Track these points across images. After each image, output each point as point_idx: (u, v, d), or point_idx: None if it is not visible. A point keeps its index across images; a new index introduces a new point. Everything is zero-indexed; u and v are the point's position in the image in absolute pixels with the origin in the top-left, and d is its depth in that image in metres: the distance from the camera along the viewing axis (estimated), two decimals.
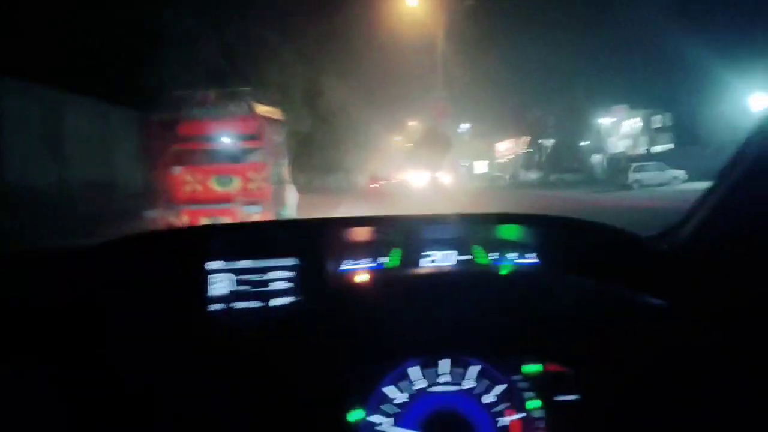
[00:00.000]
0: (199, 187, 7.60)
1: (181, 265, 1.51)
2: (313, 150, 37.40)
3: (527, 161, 60.70)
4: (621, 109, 50.89)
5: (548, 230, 1.64)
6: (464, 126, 73.10)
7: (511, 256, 1.64)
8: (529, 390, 1.22)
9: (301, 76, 26.42)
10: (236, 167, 7.74)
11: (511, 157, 69.92)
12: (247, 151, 7.88)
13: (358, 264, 1.63)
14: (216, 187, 7.65)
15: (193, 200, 7.60)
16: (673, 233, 1.46)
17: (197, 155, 7.80)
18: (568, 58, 61.27)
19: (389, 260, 1.64)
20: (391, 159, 64.29)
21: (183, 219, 7.45)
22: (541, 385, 1.22)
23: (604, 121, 52.30)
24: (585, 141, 53.63)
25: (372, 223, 1.65)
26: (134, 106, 16.00)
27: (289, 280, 1.55)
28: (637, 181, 28.08)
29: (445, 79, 31.62)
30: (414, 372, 1.24)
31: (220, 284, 1.52)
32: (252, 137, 7.78)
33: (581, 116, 52.35)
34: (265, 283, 1.55)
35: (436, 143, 33.71)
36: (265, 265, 1.55)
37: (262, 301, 1.54)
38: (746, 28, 29.83)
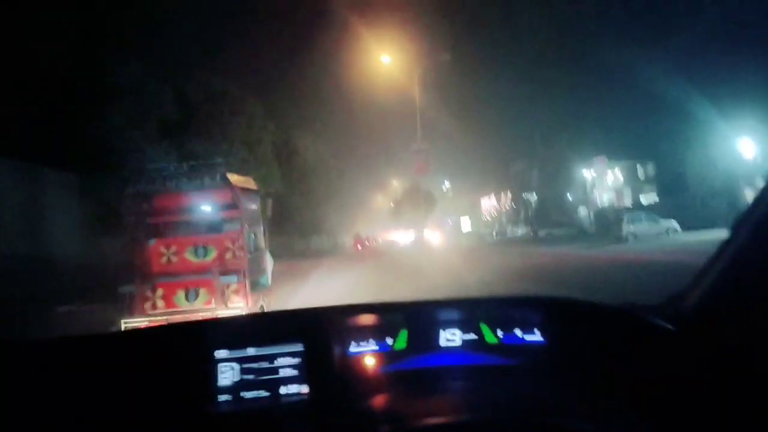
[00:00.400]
0: (174, 259, 7.56)
1: (189, 357, 1.51)
2: (292, 212, 35.99)
3: (513, 216, 59.87)
4: (601, 160, 50.68)
5: (550, 310, 1.65)
6: (447, 183, 73.00)
7: (519, 334, 1.64)
8: None
9: (275, 135, 25.16)
10: (212, 238, 7.73)
11: (495, 213, 69.32)
12: (222, 222, 7.87)
13: (366, 347, 1.61)
14: (192, 258, 7.60)
15: (169, 272, 7.52)
16: (679, 303, 1.43)
17: (172, 227, 7.89)
18: (547, 111, 61.85)
19: (396, 342, 1.63)
20: (376, 219, 63.45)
21: (158, 292, 7.35)
22: None
23: (587, 173, 51.96)
24: (569, 194, 53.12)
25: (375, 308, 1.67)
26: (72, 169, 14.35)
27: (295, 367, 1.54)
28: (631, 233, 26.87)
29: (425, 134, 30.74)
30: None
31: (228, 374, 1.52)
32: (227, 208, 7.78)
33: (564, 169, 52.05)
34: (273, 370, 1.54)
35: (418, 200, 32.43)
36: (272, 352, 1.55)
37: (270, 390, 1.53)
38: (729, 72, 29.51)
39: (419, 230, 33.74)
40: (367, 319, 1.66)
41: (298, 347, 1.55)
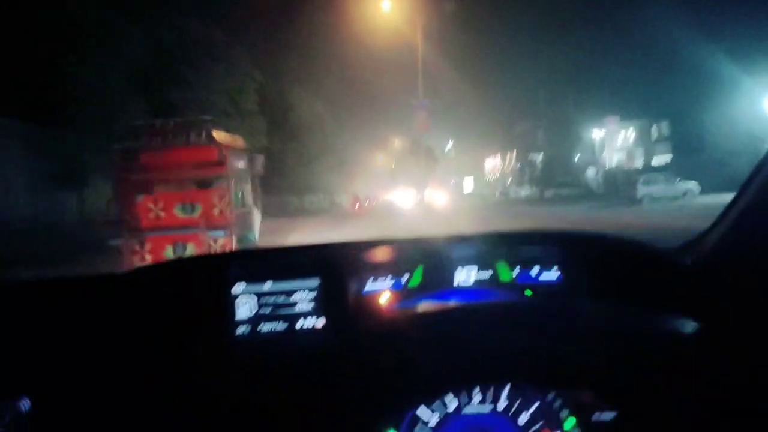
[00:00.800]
0: (162, 214, 7.73)
1: (207, 290, 1.53)
2: (286, 169, 34.25)
3: (518, 177, 58.19)
4: (613, 120, 48.72)
5: (570, 246, 1.65)
6: (451, 143, 71.44)
7: (534, 271, 1.63)
8: (564, 408, 1.21)
9: (263, 86, 23.09)
10: (199, 194, 7.90)
11: (499, 173, 67.86)
12: (209, 179, 7.97)
13: (381, 284, 1.63)
14: (180, 213, 7.78)
15: (157, 227, 7.72)
16: (697, 244, 1.47)
17: (160, 183, 7.95)
18: (555, 68, 59.21)
19: (411, 279, 1.64)
20: (377, 179, 62.33)
21: (147, 246, 7.62)
22: (577, 403, 1.20)
23: (597, 133, 50.04)
24: (576, 154, 51.39)
25: (393, 244, 1.68)
26: (24, 118, 12.59)
27: (312, 300, 1.56)
28: (647, 194, 25.20)
29: (427, 90, 28.76)
30: (447, 395, 1.24)
31: (246, 307, 1.55)
32: (213, 165, 7.86)
33: (571, 129, 50.27)
34: (290, 305, 1.56)
35: (419, 157, 30.59)
36: (289, 287, 1.56)
37: (287, 323, 1.56)
38: (758, 22, 27.04)
39: (421, 190, 32.01)
40: (384, 255, 1.66)
41: (315, 282, 1.55)
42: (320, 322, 1.53)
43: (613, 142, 50.30)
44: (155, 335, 1.40)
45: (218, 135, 7.89)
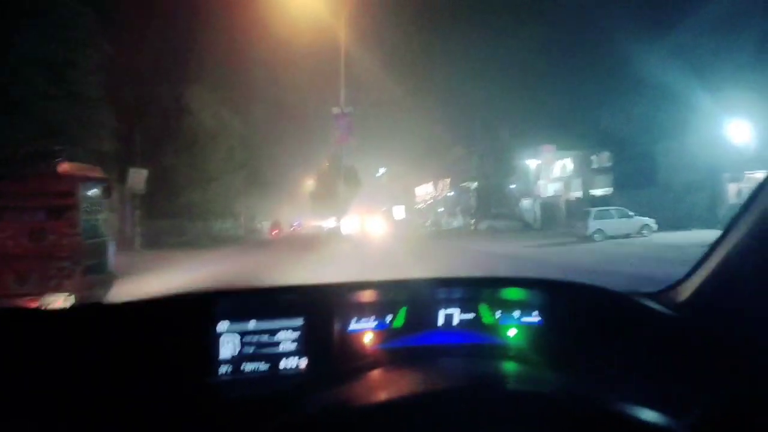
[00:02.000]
0: (8, 243, 7.47)
1: (191, 328, 1.52)
2: (179, 188, 28.66)
3: (451, 206, 54.88)
4: (549, 149, 46.29)
5: (551, 292, 1.70)
6: (381, 170, 68.29)
7: (516, 314, 1.68)
8: None
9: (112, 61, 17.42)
10: (48, 224, 7.68)
11: (431, 201, 64.72)
12: (58, 208, 7.71)
13: (365, 324, 1.63)
14: (27, 243, 7.55)
15: (2, 257, 7.38)
16: (677, 290, 1.48)
17: (6, 212, 7.62)
18: (493, 92, 56.82)
19: (395, 320, 1.65)
20: (308, 205, 58.93)
21: None
22: None
23: (531, 162, 47.47)
24: (512, 184, 48.70)
25: (376, 285, 1.71)
26: None
27: (295, 341, 1.56)
28: (599, 230, 21.74)
29: (348, 96, 24.34)
30: None
31: (229, 346, 1.53)
32: (63, 195, 7.71)
33: (507, 157, 47.61)
34: (273, 344, 1.56)
35: (338, 177, 25.85)
36: (273, 326, 1.56)
37: (270, 363, 1.55)
38: (719, 34, 24.32)
39: (339, 216, 27.37)
40: (368, 296, 1.67)
41: (299, 322, 1.56)
42: (303, 363, 1.54)
43: (549, 171, 47.88)
44: (136, 372, 1.37)
45: (70, 166, 7.88)
